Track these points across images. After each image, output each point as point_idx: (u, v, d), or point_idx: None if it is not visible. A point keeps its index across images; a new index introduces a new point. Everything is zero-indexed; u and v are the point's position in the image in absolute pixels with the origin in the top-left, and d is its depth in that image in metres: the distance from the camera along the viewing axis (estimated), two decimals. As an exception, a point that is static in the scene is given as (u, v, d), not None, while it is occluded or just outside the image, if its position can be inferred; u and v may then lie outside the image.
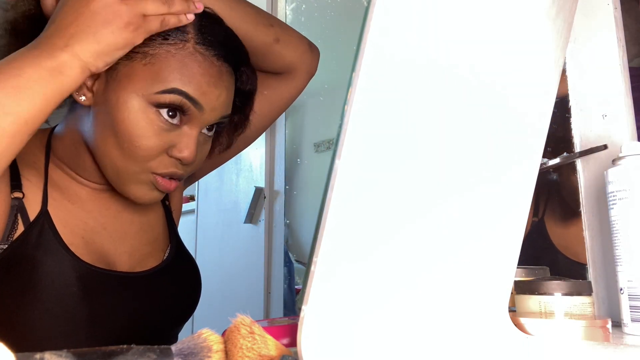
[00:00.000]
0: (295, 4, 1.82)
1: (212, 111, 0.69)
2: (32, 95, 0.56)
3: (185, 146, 0.67)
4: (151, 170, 0.68)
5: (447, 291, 0.42)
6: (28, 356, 0.33)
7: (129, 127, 0.65)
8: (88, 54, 0.58)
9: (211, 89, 0.68)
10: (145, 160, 0.67)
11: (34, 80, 0.56)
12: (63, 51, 0.57)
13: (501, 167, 0.47)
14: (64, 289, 0.65)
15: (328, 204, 0.35)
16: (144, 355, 0.35)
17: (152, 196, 0.70)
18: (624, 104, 0.74)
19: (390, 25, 0.38)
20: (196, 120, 0.68)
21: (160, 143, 0.66)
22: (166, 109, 0.66)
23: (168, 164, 0.68)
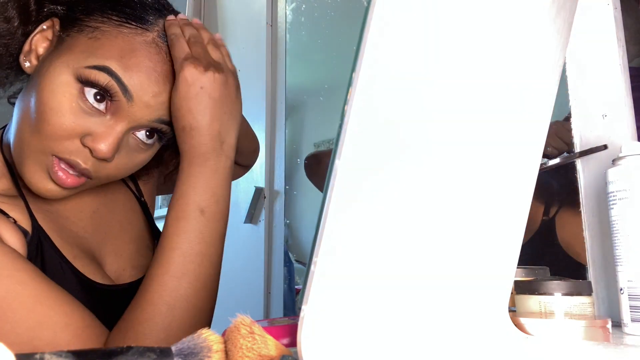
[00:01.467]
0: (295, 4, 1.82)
1: (145, 108, 0.60)
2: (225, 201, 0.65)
3: (102, 137, 0.58)
4: (53, 151, 0.58)
5: (447, 291, 0.42)
6: (28, 356, 0.33)
7: (46, 98, 0.58)
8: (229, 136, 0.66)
9: (150, 84, 0.60)
10: (53, 139, 0.58)
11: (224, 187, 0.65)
12: (228, 160, 0.64)
13: (501, 167, 0.47)
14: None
15: (328, 204, 0.35)
16: (144, 355, 0.35)
17: (48, 188, 0.59)
18: (624, 104, 0.74)
19: (390, 25, 0.38)
20: (124, 112, 0.59)
21: (73, 125, 0.58)
22: (92, 89, 0.58)
23: (74, 151, 0.58)
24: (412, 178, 0.40)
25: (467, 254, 0.44)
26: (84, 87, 0.58)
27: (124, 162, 0.63)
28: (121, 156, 0.62)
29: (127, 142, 0.62)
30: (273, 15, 1.78)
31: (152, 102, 0.61)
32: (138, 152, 0.64)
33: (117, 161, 0.62)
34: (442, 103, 0.42)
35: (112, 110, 0.60)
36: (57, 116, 0.57)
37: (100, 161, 0.60)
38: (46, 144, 0.58)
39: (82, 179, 0.60)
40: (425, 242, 0.41)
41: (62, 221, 0.67)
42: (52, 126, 0.57)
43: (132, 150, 0.63)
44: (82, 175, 0.60)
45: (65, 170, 0.59)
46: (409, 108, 0.40)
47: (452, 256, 0.43)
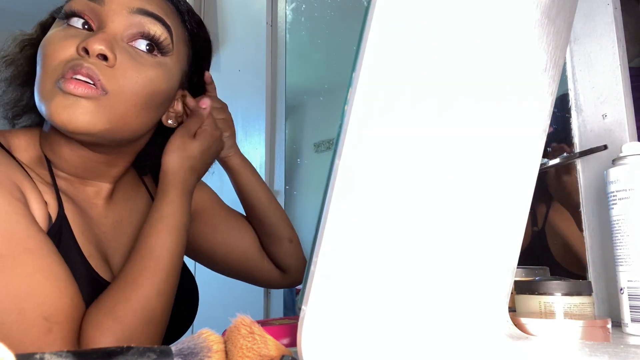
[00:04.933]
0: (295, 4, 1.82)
1: (119, 3, 0.63)
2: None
3: (92, 37, 0.60)
4: (59, 73, 0.59)
5: (447, 291, 0.42)
6: (28, 356, 0.33)
7: (44, 47, 0.62)
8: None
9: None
10: (55, 66, 0.60)
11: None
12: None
13: (501, 167, 0.47)
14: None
15: (328, 204, 0.35)
16: (143, 355, 0.35)
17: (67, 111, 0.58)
18: (624, 104, 0.74)
19: (390, 25, 0.37)
20: (104, 16, 0.62)
21: (67, 43, 0.60)
22: (76, 19, 0.62)
23: (72, 58, 0.60)
24: (412, 178, 0.40)
25: (467, 254, 0.44)
26: (69, 22, 0.63)
27: (131, 71, 0.62)
28: (126, 64, 0.61)
29: (126, 50, 0.62)
30: (273, 15, 1.78)
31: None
32: (145, 64, 0.63)
33: (124, 69, 0.61)
34: (441, 103, 0.42)
35: (97, 25, 0.63)
36: (51, 44, 0.61)
37: (105, 67, 0.60)
38: (51, 72, 0.59)
39: (92, 88, 0.59)
40: (425, 242, 0.41)
41: (86, 219, 0.69)
42: (48, 54, 0.60)
43: (137, 60, 0.63)
44: (94, 84, 0.59)
45: (73, 80, 0.58)
46: (408, 108, 0.40)
47: (452, 256, 0.43)
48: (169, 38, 0.66)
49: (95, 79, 0.59)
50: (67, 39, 0.61)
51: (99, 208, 0.72)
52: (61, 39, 0.61)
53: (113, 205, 0.74)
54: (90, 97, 0.58)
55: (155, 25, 0.64)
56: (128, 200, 0.77)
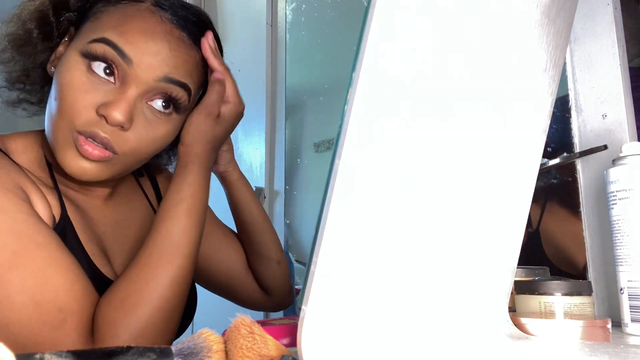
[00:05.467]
0: (295, 4, 1.82)
1: (147, 68, 0.62)
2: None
3: (113, 103, 0.60)
4: (75, 128, 0.61)
5: (447, 291, 0.42)
6: (28, 356, 0.33)
7: (61, 80, 0.62)
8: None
9: (146, 43, 0.62)
10: (72, 114, 0.61)
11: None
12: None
13: (501, 167, 0.47)
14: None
15: (328, 204, 0.35)
16: (144, 355, 0.35)
17: (82, 166, 0.61)
18: (624, 104, 0.74)
19: (391, 25, 0.37)
20: (129, 77, 0.62)
21: (87, 96, 0.61)
22: (99, 62, 0.62)
23: (91, 121, 0.61)
24: (412, 178, 0.40)
25: (467, 254, 0.44)
26: (91, 62, 0.62)
27: (144, 133, 0.64)
28: (140, 126, 0.63)
29: (142, 111, 0.64)
30: (273, 15, 1.78)
31: (153, 61, 0.63)
32: (157, 123, 0.65)
33: (137, 132, 0.63)
34: (441, 102, 0.42)
35: (120, 78, 0.62)
36: (71, 91, 0.61)
37: (119, 131, 0.62)
38: (68, 121, 0.61)
39: (107, 152, 0.62)
40: (425, 242, 0.41)
41: (88, 220, 0.70)
42: (68, 101, 0.61)
43: (150, 121, 0.64)
44: (106, 149, 0.62)
45: (89, 142, 0.61)
46: (408, 108, 0.40)
47: (452, 256, 0.43)
48: (188, 99, 0.67)
49: (108, 146, 0.62)
50: (89, 91, 0.61)
51: (98, 209, 0.73)
52: (83, 88, 0.61)
53: (112, 206, 0.75)
54: (98, 160, 0.62)
55: (178, 91, 0.65)
56: (127, 202, 0.78)
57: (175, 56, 0.64)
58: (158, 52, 0.63)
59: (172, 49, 0.64)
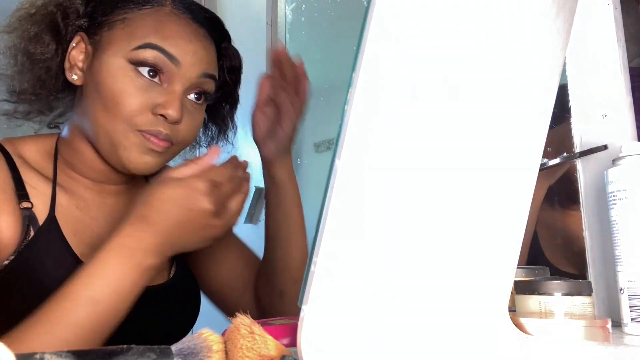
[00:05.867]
0: (295, 4, 1.82)
1: (190, 67, 0.69)
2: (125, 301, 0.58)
3: (168, 103, 0.67)
4: (137, 127, 0.67)
5: (447, 291, 0.42)
6: (28, 356, 0.33)
7: (111, 86, 0.66)
8: (170, 253, 0.61)
9: (186, 44, 0.69)
10: (130, 117, 0.66)
11: (130, 284, 0.58)
12: (154, 258, 0.59)
13: (501, 167, 0.47)
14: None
15: (328, 204, 0.35)
16: (144, 355, 0.35)
17: (146, 161, 0.69)
18: (624, 104, 0.74)
19: (390, 25, 0.37)
20: (176, 77, 0.69)
21: (142, 99, 0.67)
22: (145, 67, 0.67)
23: (153, 122, 0.68)
24: (412, 178, 0.40)
25: (467, 253, 0.44)
26: (137, 67, 0.67)
27: (189, 122, 0.71)
28: (186, 118, 0.70)
29: (184, 105, 0.70)
30: (273, 15, 1.78)
31: (194, 60, 0.70)
32: (195, 113, 0.73)
33: (185, 123, 0.70)
34: (441, 102, 0.42)
35: (165, 78, 0.69)
36: (127, 96, 0.66)
37: (173, 125, 0.69)
38: (129, 123, 0.67)
39: (167, 143, 0.69)
40: (425, 241, 0.41)
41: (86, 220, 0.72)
42: (126, 106, 0.66)
43: (191, 112, 0.72)
44: (168, 141, 0.69)
45: (157, 138, 0.68)
46: (408, 108, 0.40)
47: (452, 256, 0.43)
48: (214, 88, 0.75)
49: (168, 139, 0.69)
50: (142, 93, 0.67)
51: (106, 208, 0.75)
52: (137, 92, 0.67)
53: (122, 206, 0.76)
54: (162, 151, 0.69)
55: (210, 84, 0.73)
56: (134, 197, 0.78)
57: (207, 53, 0.72)
58: (195, 51, 0.70)
59: (204, 47, 0.72)
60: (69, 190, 0.72)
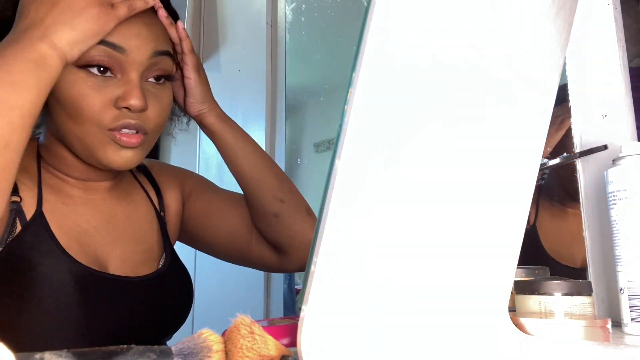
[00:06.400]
0: (295, 4, 1.82)
1: (138, 50, 0.67)
2: (29, 88, 0.59)
3: (127, 93, 0.66)
4: (106, 126, 0.67)
5: (447, 291, 0.42)
6: (28, 356, 0.33)
7: (68, 94, 0.66)
8: (65, 43, 0.61)
9: (126, 28, 0.67)
10: (95, 118, 0.66)
11: (25, 73, 0.58)
12: (42, 42, 0.60)
13: (501, 167, 0.47)
14: (60, 289, 0.65)
15: (328, 204, 0.35)
16: (144, 355, 0.35)
17: (125, 157, 0.68)
18: (624, 104, 0.74)
19: (390, 25, 0.37)
20: (127, 64, 0.67)
21: (101, 98, 0.66)
22: (94, 66, 0.66)
23: (119, 115, 0.67)
24: (412, 178, 0.40)
25: (467, 254, 0.44)
26: (87, 68, 0.66)
27: (157, 107, 0.70)
28: (152, 103, 0.69)
29: (147, 90, 0.69)
30: (273, 15, 1.78)
31: (140, 42, 0.68)
32: (160, 93, 0.71)
33: (152, 109, 0.70)
34: (441, 102, 0.42)
35: (118, 69, 0.67)
36: (84, 99, 0.66)
37: (141, 114, 0.68)
38: (95, 124, 0.66)
39: (140, 135, 0.68)
40: (425, 242, 0.41)
41: (72, 215, 0.73)
42: (86, 109, 0.66)
43: (155, 95, 0.70)
44: (138, 133, 0.68)
45: (125, 133, 0.67)
46: (408, 108, 0.40)
47: (452, 256, 0.43)
48: (173, 64, 0.73)
49: (139, 129, 0.68)
50: (99, 91, 0.66)
51: (94, 203, 0.75)
52: (94, 93, 0.66)
53: (110, 200, 0.77)
54: (138, 145, 0.69)
55: (166, 61, 0.71)
56: (125, 197, 0.80)
57: (152, 30, 0.70)
58: (139, 32, 0.68)
59: (147, 24, 0.69)
60: (54, 187, 0.73)
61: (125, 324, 0.71)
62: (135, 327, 0.73)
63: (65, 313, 0.65)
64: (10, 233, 0.66)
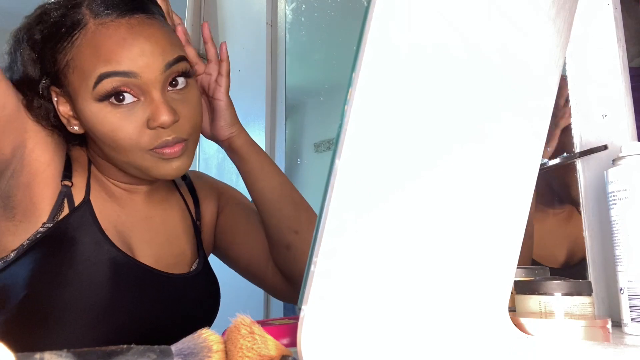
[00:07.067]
0: (295, 4, 1.82)
1: (148, 68, 0.66)
2: None
3: (155, 113, 0.67)
4: (147, 148, 0.68)
5: (447, 291, 0.42)
6: (28, 356, 0.33)
7: (102, 130, 0.68)
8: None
9: (128, 51, 0.66)
10: (136, 145, 0.68)
11: None
12: None
13: (501, 167, 0.47)
14: (96, 268, 0.68)
15: (328, 204, 0.35)
16: (144, 355, 0.35)
17: (174, 167, 0.70)
18: (624, 104, 0.74)
19: (390, 25, 0.37)
20: (144, 85, 0.67)
21: (133, 125, 0.67)
22: (112, 96, 0.66)
23: (156, 135, 0.68)
24: (412, 178, 0.40)
25: (467, 253, 0.44)
26: (107, 100, 0.66)
27: (188, 111, 0.70)
28: (181, 109, 0.69)
29: (172, 98, 0.69)
30: (273, 15, 1.78)
31: (147, 60, 0.66)
32: (186, 95, 0.71)
33: (184, 115, 0.70)
34: (441, 102, 0.42)
35: (137, 92, 0.67)
36: (119, 131, 0.67)
37: (174, 125, 0.68)
38: (137, 149, 0.68)
39: (181, 144, 0.69)
40: (425, 241, 0.41)
41: (115, 209, 0.75)
42: (124, 140, 0.67)
43: (182, 100, 0.70)
44: (178, 142, 0.69)
45: (169, 148, 0.68)
46: (408, 108, 0.40)
47: (452, 256, 0.43)
48: (188, 63, 0.72)
49: (179, 140, 0.69)
50: (130, 120, 0.67)
51: (134, 203, 0.78)
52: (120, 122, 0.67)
53: (148, 204, 0.79)
54: (183, 152, 0.70)
55: (181, 66, 0.70)
56: (162, 201, 0.82)
57: (156, 41, 0.68)
58: (142, 50, 0.66)
59: (147, 36, 0.68)
60: (100, 182, 0.76)
61: (149, 316, 0.73)
62: (157, 320, 0.74)
63: (98, 292, 0.68)
64: (57, 212, 0.70)
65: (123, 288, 0.70)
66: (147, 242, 0.77)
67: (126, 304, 0.70)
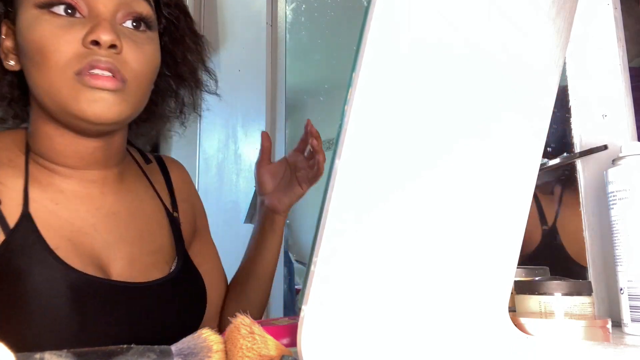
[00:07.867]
0: (295, 4, 1.82)
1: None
2: None
3: (95, 27, 0.60)
4: (73, 69, 0.59)
5: (448, 291, 0.42)
6: (28, 356, 0.33)
7: (32, 38, 0.60)
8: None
9: None
10: (61, 59, 0.59)
11: None
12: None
13: (501, 167, 0.47)
14: (53, 299, 0.59)
15: (328, 204, 0.35)
16: (143, 355, 0.35)
17: (98, 103, 0.60)
18: (624, 104, 0.74)
19: (390, 25, 0.37)
20: (94, 3, 0.62)
21: (66, 37, 0.60)
22: (59, 5, 0.61)
23: (87, 53, 0.59)
24: (412, 178, 0.40)
25: (467, 254, 0.44)
26: (51, 9, 0.61)
27: (136, 53, 0.63)
28: (128, 47, 0.62)
29: (123, 33, 0.63)
30: (273, 15, 1.78)
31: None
32: (140, 41, 0.64)
33: (130, 53, 0.62)
34: (441, 102, 0.42)
35: (86, 9, 0.62)
36: (48, 39, 0.59)
37: (115, 55, 0.61)
38: (62, 69, 0.59)
39: (117, 80, 0.61)
40: (426, 242, 0.41)
41: (65, 213, 0.66)
42: (50, 49, 0.59)
43: (134, 41, 0.64)
44: (114, 77, 0.60)
45: (95, 74, 0.59)
46: (408, 108, 0.40)
47: (452, 256, 0.43)
48: (153, 13, 0.67)
49: (114, 71, 0.60)
50: (65, 31, 0.60)
51: (92, 199, 0.68)
52: (58, 31, 0.60)
53: (109, 196, 0.70)
54: (115, 89, 0.60)
55: (142, 5, 0.65)
56: (129, 192, 0.73)
57: None
58: None
59: None
60: (43, 182, 0.65)
61: (127, 335, 0.64)
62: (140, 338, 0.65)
63: (60, 326, 0.59)
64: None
65: (91, 313, 0.61)
66: (115, 243, 0.68)
67: (99, 327, 0.61)
